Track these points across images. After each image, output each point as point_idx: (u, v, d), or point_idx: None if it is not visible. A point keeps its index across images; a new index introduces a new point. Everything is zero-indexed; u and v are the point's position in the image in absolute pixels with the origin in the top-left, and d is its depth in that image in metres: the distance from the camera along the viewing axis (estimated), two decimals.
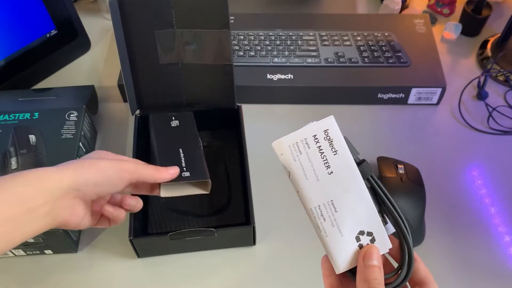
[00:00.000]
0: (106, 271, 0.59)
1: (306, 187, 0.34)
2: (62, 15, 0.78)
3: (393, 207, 0.35)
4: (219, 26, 0.60)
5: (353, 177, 0.34)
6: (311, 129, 0.35)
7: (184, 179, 0.51)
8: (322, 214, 0.34)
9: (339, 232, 0.34)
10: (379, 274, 0.33)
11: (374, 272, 0.33)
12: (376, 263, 0.34)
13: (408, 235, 0.35)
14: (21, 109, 0.65)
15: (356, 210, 0.34)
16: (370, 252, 0.34)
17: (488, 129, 0.73)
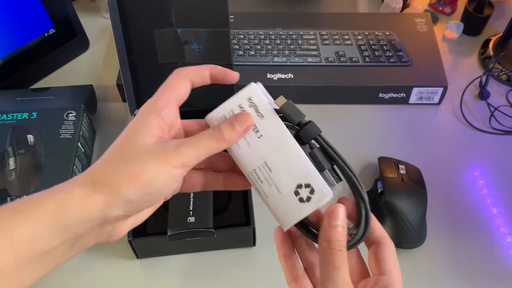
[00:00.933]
0: (105, 272, 0.59)
1: (240, 155, 0.36)
2: (61, 14, 0.78)
3: (344, 163, 0.36)
4: (219, 25, 0.60)
5: (282, 136, 0.36)
6: (235, 100, 0.37)
7: (188, 225, 0.55)
8: (258, 177, 0.36)
9: (277, 190, 0.35)
10: (341, 235, 0.34)
11: (337, 233, 0.34)
12: (339, 223, 0.34)
13: (362, 192, 0.35)
14: (19, 108, 0.65)
15: (290, 166, 0.35)
16: (336, 212, 0.34)
17: (490, 129, 0.73)
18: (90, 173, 0.33)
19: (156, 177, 0.32)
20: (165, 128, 0.36)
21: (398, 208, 0.58)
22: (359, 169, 0.68)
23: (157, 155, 0.33)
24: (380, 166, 0.64)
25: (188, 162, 0.34)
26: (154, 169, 0.32)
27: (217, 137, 0.35)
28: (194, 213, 0.55)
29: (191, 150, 0.34)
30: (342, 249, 0.33)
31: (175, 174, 0.33)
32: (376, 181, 0.63)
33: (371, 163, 0.68)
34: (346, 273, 0.32)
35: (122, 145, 0.34)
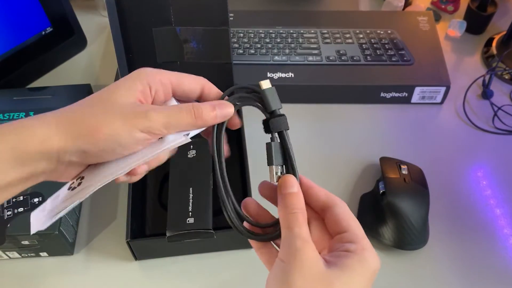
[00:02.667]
0: (103, 274, 0.59)
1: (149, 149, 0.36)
2: (58, 12, 0.78)
3: (293, 168, 0.37)
4: (218, 23, 0.60)
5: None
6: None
7: (188, 227, 0.54)
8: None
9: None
10: (297, 200, 0.35)
11: (291, 198, 0.35)
12: (292, 190, 0.35)
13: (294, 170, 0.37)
14: (16, 108, 0.65)
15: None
16: (285, 181, 0.36)
17: (493, 128, 0.73)
18: (57, 115, 0.34)
19: (115, 136, 0.33)
20: (149, 98, 0.36)
21: (400, 209, 0.58)
22: (361, 169, 0.68)
23: (125, 114, 0.33)
24: (382, 166, 0.64)
25: (155, 129, 0.34)
26: (116, 127, 0.33)
27: (194, 113, 0.35)
28: (193, 214, 0.55)
29: (161, 117, 0.34)
30: (296, 211, 0.34)
31: (137, 137, 0.33)
32: (378, 182, 0.63)
33: (372, 163, 0.68)
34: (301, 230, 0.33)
35: (100, 96, 0.35)
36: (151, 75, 0.36)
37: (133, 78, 0.35)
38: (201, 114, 0.35)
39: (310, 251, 0.32)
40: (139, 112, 0.33)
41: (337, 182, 0.66)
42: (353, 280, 0.32)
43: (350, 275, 0.32)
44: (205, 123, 0.36)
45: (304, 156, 0.70)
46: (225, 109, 0.37)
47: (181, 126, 0.35)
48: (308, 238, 0.33)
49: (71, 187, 0.35)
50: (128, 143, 0.33)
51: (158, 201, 0.63)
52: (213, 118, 0.36)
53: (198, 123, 0.35)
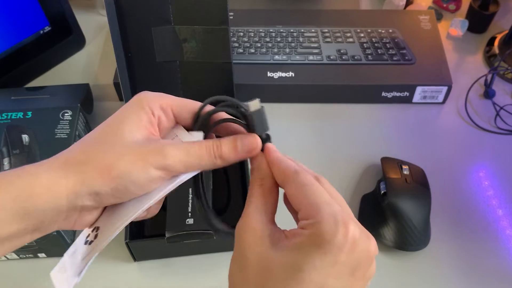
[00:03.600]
0: (101, 275, 0.59)
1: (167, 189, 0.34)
2: (56, 11, 0.78)
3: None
4: (218, 22, 0.60)
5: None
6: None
7: (187, 227, 0.54)
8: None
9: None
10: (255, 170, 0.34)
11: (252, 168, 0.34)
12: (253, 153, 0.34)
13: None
14: (13, 108, 0.65)
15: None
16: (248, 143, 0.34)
17: (496, 128, 0.73)
18: (63, 157, 0.31)
19: (128, 173, 0.30)
20: (155, 125, 0.34)
21: (401, 209, 0.58)
22: (362, 169, 0.68)
23: (137, 150, 0.31)
24: (383, 166, 0.64)
25: (172, 167, 0.31)
26: (128, 165, 0.30)
27: (215, 153, 0.33)
28: (193, 214, 0.55)
29: (179, 155, 0.32)
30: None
31: (152, 176, 0.31)
32: (379, 182, 0.63)
33: (373, 163, 0.68)
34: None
35: (106, 132, 0.33)
36: (152, 101, 0.34)
37: (137, 108, 0.33)
38: (220, 152, 0.33)
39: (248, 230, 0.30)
40: (154, 149, 0.31)
41: (338, 183, 0.66)
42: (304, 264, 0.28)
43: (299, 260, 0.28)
44: (227, 162, 0.34)
45: (304, 156, 0.70)
46: (249, 145, 0.34)
47: (199, 166, 0.33)
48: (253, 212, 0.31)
49: (88, 241, 0.34)
50: (142, 182, 0.31)
51: None
52: (235, 156, 0.34)
53: (218, 163, 0.33)
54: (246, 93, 0.74)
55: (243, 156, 0.34)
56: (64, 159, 0.31)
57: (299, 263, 0.28)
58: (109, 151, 0.31)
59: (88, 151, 0.31)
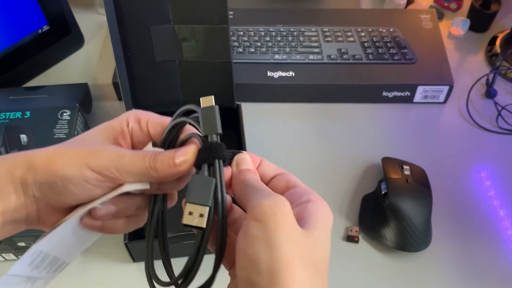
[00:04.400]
0: (100, 275, 0.59)
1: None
2: (55, 10, 0.78)
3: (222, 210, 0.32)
4: (218, 21, 0.60)
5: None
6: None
7: (187, 228, 0.54)
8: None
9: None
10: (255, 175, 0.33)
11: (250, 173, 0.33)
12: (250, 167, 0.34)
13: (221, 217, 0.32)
14: (12, 107, 0.65)
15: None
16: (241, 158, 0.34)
17: (497, 128, 0.73)
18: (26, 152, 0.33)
19: (64, 170, 0.31)
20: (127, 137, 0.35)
21: (402, 210, 0.58)
22: (362, 169, 0.68)
23: (80, 150, 0.32)
24: (384, 166, 0.64)
25: (107, 170, 0.31)
26: (66, 161, 0.31)
27: (150, 163, 0.32)
28: None
29: (113, 157, 0.31)
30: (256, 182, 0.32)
31: (87, 176, 0.31)
32: (380, 182, 0.63)
33: (374, 163, 0.68)
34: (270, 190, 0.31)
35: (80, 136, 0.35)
36: (131, 114, 0.34)
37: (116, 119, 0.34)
38: (155, 164, 0.32)
39: (289, 208, 0.29)
40: (94, 150, 0.32)
41: (339, 183, 0.66)
42: (324, 234, 0.30)
43: (324, 234, 0.30)
44: (159, 176, 0.32)
45: (305, 156, 0.70)
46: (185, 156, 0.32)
47: (135, 174, 0.32)
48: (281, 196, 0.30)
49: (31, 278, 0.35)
50: (77, 181, 0.31)
51: None
52: (172, 171, 0.32)
53: (152, 174, 0.32)
54: (246, 92, 0.74)
55: (182, 171, 0.32)
56: (29, 151, 0.33)
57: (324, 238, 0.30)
58: (60, 149, 0.32)
59: (49, 148, 0.33)
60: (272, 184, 0.34)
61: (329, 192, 0.65)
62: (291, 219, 0.29)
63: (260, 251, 0.28)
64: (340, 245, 0.61)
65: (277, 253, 0.27)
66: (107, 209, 0.34)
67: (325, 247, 0.30)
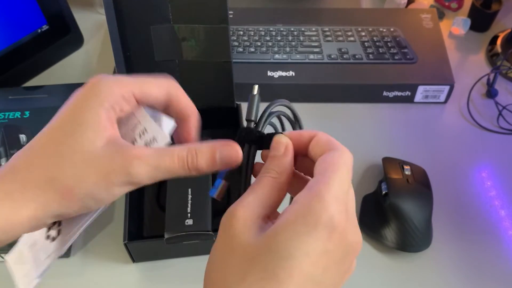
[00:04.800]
0: (100, 276, 0.59)
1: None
2: (54, 10, 0.78)
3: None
4: (218, 21, 0.60)
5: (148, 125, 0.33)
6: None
7: (186, 228, 0.54)
8: None
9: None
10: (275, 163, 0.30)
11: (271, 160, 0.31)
12: (278, 153, 0.31)
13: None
14: (11, 107, 0.65)
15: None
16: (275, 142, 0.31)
17: (498, 128, 0.73)
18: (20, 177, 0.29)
19: (91, 196, 0.29)
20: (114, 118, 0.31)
21: (403, 210, 0.58)
22: (363, 170, 0.68)
23: (99, 169, 0.28)
24: (384, 166, 0.64)
25: (138, 182, 0.29)
26: (91, 186, 0.28)
27: (188, 164, 0.29)
28: (192, 215, 0.55)
29: (147, 171, 0.29)
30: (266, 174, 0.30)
31: (116, 194, 0.29)
32: (380, 182, 0.63)
33: (375, 163, 0.68)
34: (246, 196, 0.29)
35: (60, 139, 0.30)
36: (110, 93, 0.31)
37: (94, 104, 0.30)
38: (196, 165, 0.30)
39: (237, 217, 0.27)
40: (118, 167, 0.28)
41: None
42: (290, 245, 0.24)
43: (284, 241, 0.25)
44: (200, 173, 0.30)
45: None
46: (229, 158, 0.30)
47: (171, 176, 0.30)
48: (247, 203, 0.28)
49: (49, 236, 0.32)
50: (106, 200, 0.29)
51: (156, 202, 0.63)
52: (212, 170, 0.30)
53: (193, 174, 0.30)
54: (246, 92, 0.74)
55: (222, 168, 0.31)
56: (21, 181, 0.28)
57: (289, 248, 0.24)
58: (70, 170, 0.28)
59: (47, 167, 0.29)
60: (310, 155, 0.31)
61: None
62: (234, 229, 0.26)
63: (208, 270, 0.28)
64: None
65: (208, 265, 0.28)
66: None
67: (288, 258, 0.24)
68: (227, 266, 0.26)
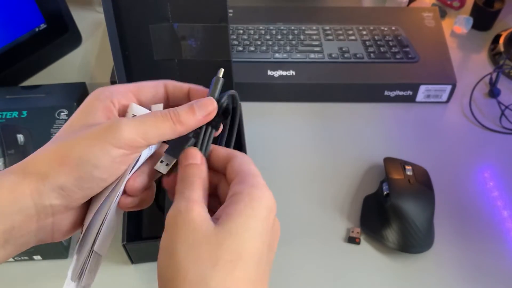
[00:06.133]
0: (98, 278, 0.59)
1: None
2: (52, 8, 0.78)
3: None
4: (217, 20, 0.60)
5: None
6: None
7: None
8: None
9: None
10: (197, 170, 0.33)
11: (191, 168, 0.33)
12: (194, 161, 0.33)
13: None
14: (8, 107, 0.65)
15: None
16: (186, 153, 0.33)
17: (501, 128, 0.73)
18: (23, 161, 0.31)
19: (87, 158, 0.29)
20: (114, 111, 0.34)
21: (404, 211, 0.58)
22: (364, 170, 0.68)
23: (91, 133, 0.30)
24: (386, 167, 0.64)
25: (133, 141, 0.30)
26: (86, 148, 0.30)
27: (172, 118, 0.32)
28: None
29: (137, 126, 0.31)
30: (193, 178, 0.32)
31: (113, 155, 0.30)
32: (382, 183, 0.63)
33: (376, 164, 0.68)
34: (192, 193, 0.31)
35: (62, 130, 0.32)
36: (107, 90, 0.34)
37: (90, 100, 0.33)
38: (179, 117, 0.32)
39: (194, 212, 0.29)
40: (107, 126, 0.30)
41: (340, 183, 0.66)
42: (245, 228, 0.29)
43: (240, 225, 0.29)
44: (187, 127, 0.33)
45: (305, 156, 0.70)
46: (205, 108, 0.34)
47: (160, 134, 0.32)
48: (197, 199, 0.30)
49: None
50: (105, 163, 0.30)
51: (155, 203, 0.63)
52: (195, 121, 0.33)
53: (179, 128, 0.32)
54: (246, 92, 0.74)
55: (202, 119, 0.33)
56: (24, 164, 0.31)
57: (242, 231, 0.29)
58: (63, 143, 0.31)
59: (44, 151, 0.31)
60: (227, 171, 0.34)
61: (330, 192, 0.65)
62: (195, 223, 0.29)
63: (163, 262, 0.30)
64: (341, 246, 0.61)
65: (173, 260, 0.29)
66: (141, 181, 0.33)
67: (241, 241, 0.28)
68: (197, 256, 0.28)
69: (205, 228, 0.29)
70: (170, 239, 0.29)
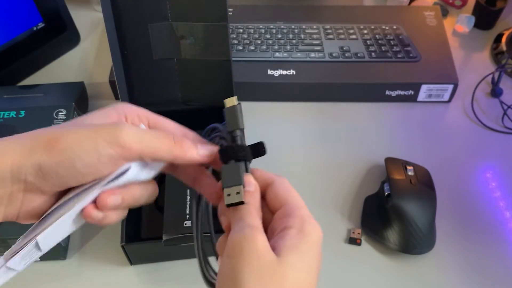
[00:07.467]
0: (97, 279, 0.59)
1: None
2: (50, 7, 0.78)
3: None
4: (217, 19, 0.60)
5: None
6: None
7: (185, 230, 0.55)
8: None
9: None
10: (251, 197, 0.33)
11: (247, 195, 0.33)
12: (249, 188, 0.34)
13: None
14: (6, 107, 0.65)
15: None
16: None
17: (503, 128, 0.73)
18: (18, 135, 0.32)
19: (75, 147, 0.30)
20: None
21: (406, 211, 0.58)
22: (365, 170, 0.68)
23: (91, 126, 0.31)
24: (387, 167, 0.64)
25: (126, 143, 0.30)
26: (78, 137, 0.30)
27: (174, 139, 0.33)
28: (191, 217, 0.55)
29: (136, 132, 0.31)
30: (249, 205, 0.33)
31: (101, 152, 0.30)
32: (383, 183, 0.63)
33: (377, 164, 0.68)
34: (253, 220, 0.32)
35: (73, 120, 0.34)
36: (127, 106, 0.35)
37: (107, 108, 0.35)
38: (181, 144, 0.33)
39: (259, 240, 0.30)
40: (109, 124, 0.31)
41: (341, 184, 0.66)
42: (304, 261, 0.30)
43: (299, 259, 0.30)
44: (184, 155, 0.33)
45: (306, 156, 0.70)
46: (207, 149, 0.35)
47: (156, 148, 0.32)
48: (259, 227, 0.32)
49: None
50: (90, 158, 0.30)
51: (154, 204, 0.63)
52: (194, 154, 0.34)
53: (177, 151, 0.33)
54: (246, 91, 0.74)
55: (202, 158, 0.34)
56: (17, 136, 0.32)
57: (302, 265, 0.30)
58: (64, 129, 0.31)
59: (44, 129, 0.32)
60: (268, 197, 0.34)
61: (330, 193, 0.65)
62: (260, 251, 0.30)
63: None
64: (342, 247, 0.61)
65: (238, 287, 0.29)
66: (113, 200, 0.33)
67: (301, 274, 0.30)
68: (263, 285, 0.29)
69: (269, 258, 0.30)
70: (234, 265, 0.30)
